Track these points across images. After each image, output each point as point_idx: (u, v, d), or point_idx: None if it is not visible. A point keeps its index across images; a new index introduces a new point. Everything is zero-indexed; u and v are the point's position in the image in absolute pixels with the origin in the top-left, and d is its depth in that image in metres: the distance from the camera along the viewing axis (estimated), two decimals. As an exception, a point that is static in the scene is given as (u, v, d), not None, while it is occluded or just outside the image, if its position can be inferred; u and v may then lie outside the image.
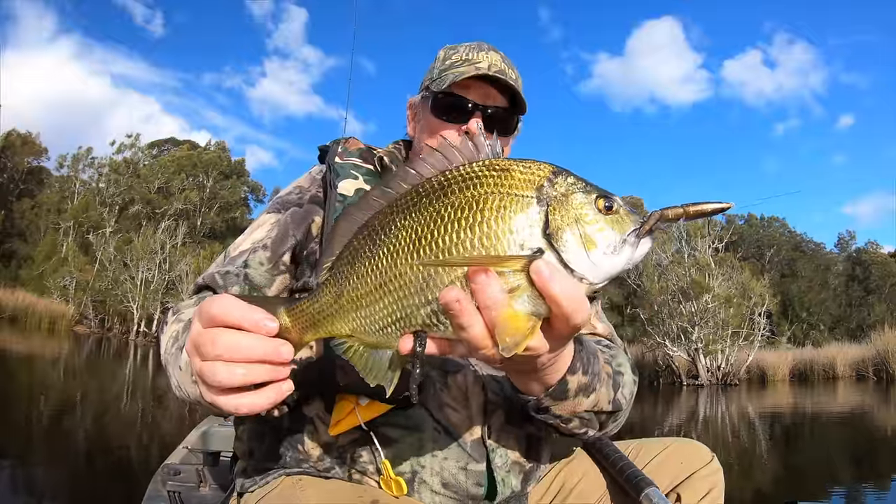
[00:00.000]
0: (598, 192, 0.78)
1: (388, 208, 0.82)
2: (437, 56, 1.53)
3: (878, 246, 44.71)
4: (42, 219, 40.69)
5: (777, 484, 6.20)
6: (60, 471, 5.04)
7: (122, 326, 35.37)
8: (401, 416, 1.21)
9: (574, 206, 0.76)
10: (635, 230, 0.77)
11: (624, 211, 0.78)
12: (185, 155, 47.02)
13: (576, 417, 1.15)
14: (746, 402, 15.97)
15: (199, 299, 1.33)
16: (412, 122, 1.58)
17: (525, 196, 0.76)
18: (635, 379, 1.29)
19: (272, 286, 1.34)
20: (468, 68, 1.41)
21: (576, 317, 0.77)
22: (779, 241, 44.61)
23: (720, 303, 21.66)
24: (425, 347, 0.80)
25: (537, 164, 0.79)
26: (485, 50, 1.47)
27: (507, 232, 0.75)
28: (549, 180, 0.77)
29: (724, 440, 8.74)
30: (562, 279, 0.74)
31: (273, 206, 1.46)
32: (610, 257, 0.76)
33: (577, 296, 0.76)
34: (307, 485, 1.22)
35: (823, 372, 23.95)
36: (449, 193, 0.77)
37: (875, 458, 8.10)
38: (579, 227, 0.76)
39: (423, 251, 0.76)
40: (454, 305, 0.73)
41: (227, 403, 0.81)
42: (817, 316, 38.61)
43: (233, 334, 0.80)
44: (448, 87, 1.40)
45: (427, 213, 0.77)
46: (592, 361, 1.11)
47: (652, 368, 22.27)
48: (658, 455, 1.36)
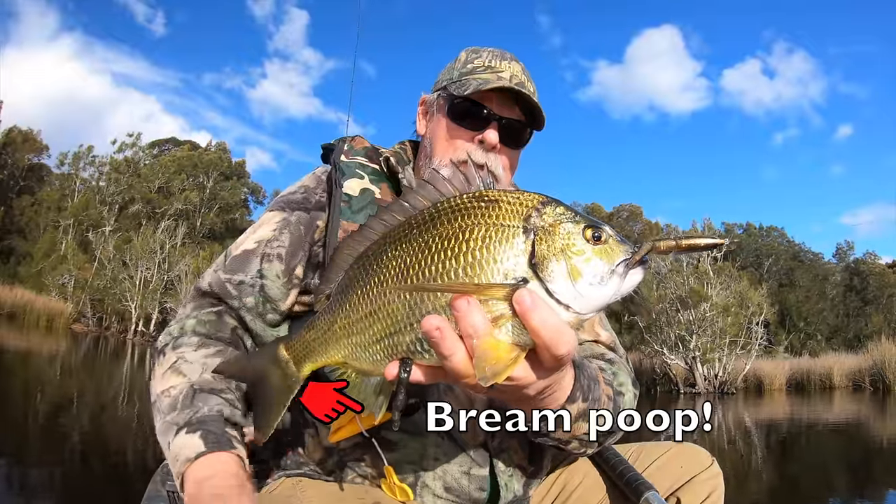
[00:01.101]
0: (586, 223, 0.77)
1: (381, 239, 0.84)
2: (457, 57, 1.51)
3: (876, 256, 44.81)
4: (42, 216, 40.54)
5: (772, 493, 6.19)
6: (58, 470, 5.01)
7: (119, 325, 35.18)
8: (404, 421, 1.19)
9: (561, 236, 0.76)
10: (625, 261, 0.77)
11: (613, 241, 0.78)
12: (186, 155, 46.96)
13: (575, 440, 1.15)
14: (743, 410, 15.95)
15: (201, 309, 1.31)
16: (423, 119, 1.55)
17: (511, 226, 0.76)
18: (636, 392, 1.28)
19: (286, 299, 1.34)
20: (491, 76, 1.40)
21: (558, 348, 0.76)
22: (777, 251, 44.61)
23: (718, 311, 21.64)
24: (410, 374, 0.80)
25: (527, 195, 0.80)
26: (507, 59, 1.46)
27: (491, 261, 0.75)
28: (536, 210, 0.77)
29: (721, 448, 8.73)
30: (543, 310, 0.74)
31: (277, 205, 1.43)
32: (597, 287, 0.76)
33: (558, 327, 0.75)
34: (307, 486, 1.21)
35: (820, 381, 23.88)
36: (437, 224, 0.79)
37: (871, 468, 8.09)
38: (566, 257, 0.75)
39: (410, 280, 0.78)
40: (434, 333, 0.74)
41: None
42: (815, 326, 38.57)
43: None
44: (468, 92, 1.39)
45: (416, 243, 0.79)
46: (593, 388, 1.09)
47: (649, 376, 22.23)
48: (658, 459, 1.36)
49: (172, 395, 1.16)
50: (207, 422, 1.11)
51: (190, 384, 1.16)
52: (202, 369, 1.20)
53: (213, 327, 1.28)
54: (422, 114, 1.56)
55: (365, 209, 1.35)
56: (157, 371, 1.22)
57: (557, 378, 0.92)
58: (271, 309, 1.33)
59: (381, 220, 0.86)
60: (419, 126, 1.56)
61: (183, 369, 1.20)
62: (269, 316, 1.33)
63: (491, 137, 1.39)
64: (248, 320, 1.32)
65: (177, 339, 1.25)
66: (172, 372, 1.20)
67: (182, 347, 1.23)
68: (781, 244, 46.03)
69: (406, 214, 0.84)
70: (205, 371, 1.19)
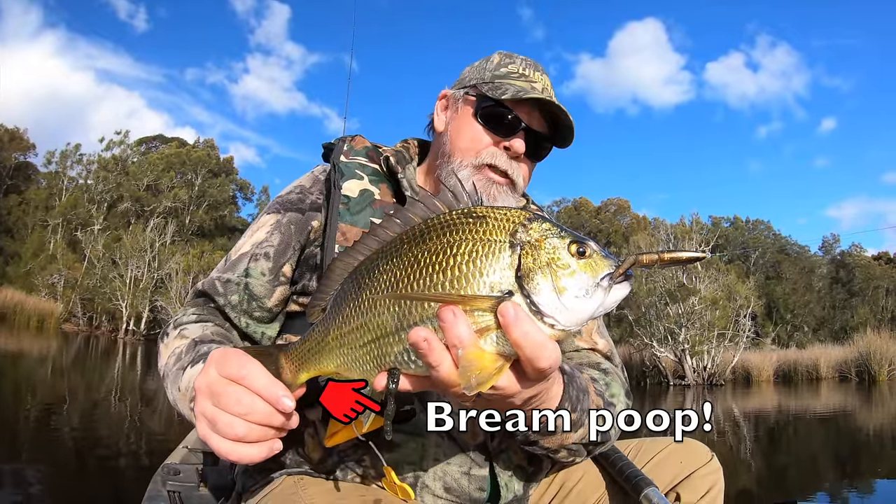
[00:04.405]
0: (572, 238, 0.79)
1: (374, 254, 0.87)
2: (490, 58, 1.47)
3: (861, 249, 45.21)
4: (30, 215, 40.13)
5: (761, 483, 6.24)
6: (50, 470, 4.98)
7: (110, 325, 34.97)
8: (405, 423, 1.19)
9: (547, 251, 0.77)
10: (609, 274, 0.78)
11: (598, 256, 0.79)
12: (174, 152, 46.59)
13: (563, 449, 1.16)
14: (732, 401, 16.06)
15: (197, 306, 1.35)
16: (443, 113, 1.49)
17: (498, 241, 0.78)
18: (629, 403, 1.28)
19: (272, 297, 1.35)
20: (525, 85, 1.38)
21: (539, 361, 0.77)
22: (764, 244, 44.88)
23: (706, 305, 21.81)
24: (398, 384, 0.82)
25: (514, 212, 0.81)
26: (540, 71, 1.44)
27: (477, 274, 0.77)
28: (523, 226, 0.79)
29: (710, 439, 8.81)
30: (526, 323, 0.74)
31: (273, 207, 1.43)
32: (581, 300, 0.77)
33: (540, 341, 0.75)
34: (308, 484, 1.21)
35: (807, 373, 24.10)
36: (427, 240, 0.81)
37: (858, 458, 8.18)
38: (551, 271, 0.77)
39: (399, 293, 0.81)
40: (422, 344, 0.75)
41: (219, 445, 0.88)
42: (801, 318, 38.93)
43: (250, 396, 0.87)
44: (506, 98, 1.36)
45: (406, 258, 0.81)
46: (582, 399, 1.08)
47: (639, 369, 22.37)
48: (657, 454, 1.36)
49: (176, 353, 1.20)
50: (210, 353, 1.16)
51: (192, 339, 1.21)
52: (203, 329, 1.26)
53: (209, 313, 1.34)
54: (442, 108, 1.50)
55: (364, 211, 1.34)
56: (161, 350, 1.26)
57: (544, 388, 0.93)
58: (257, 306, 1.34)
59: (374, 236, 0.89)
60: (437, 121, 1.50)
61: (185, 333, 1.25)
62: (256, 313, 1.35)
63: (518, 146, 1.37)
64: (233, 317, 1.34)
65: (177, 321, 1.31)
66: (176, 338, 1.24)
67: (182, 325, 1.28)
68: (768, 237, 46.33)
69: (399, 230, 0.87)
70: (205, 331, 1.25)
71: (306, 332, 0.94)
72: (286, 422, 0.90)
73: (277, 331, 1.39)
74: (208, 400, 0.89)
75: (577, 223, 45.94)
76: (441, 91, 1.52)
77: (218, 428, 0.88)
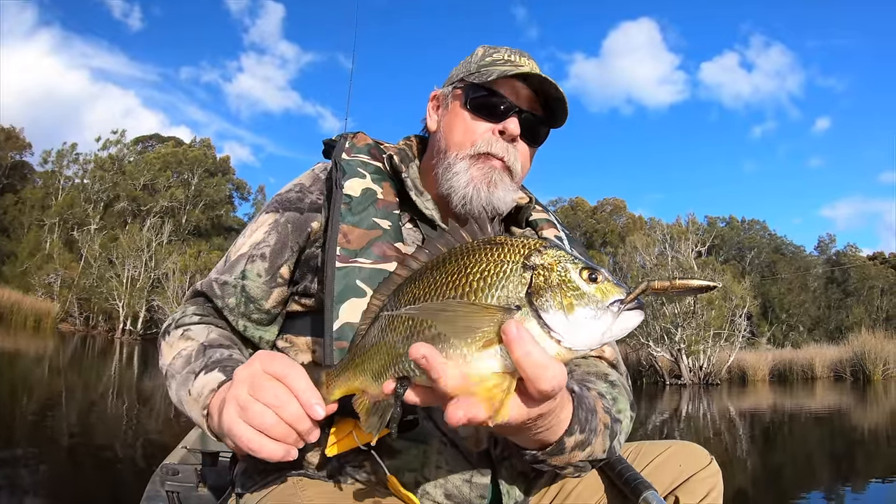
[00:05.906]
0: (584, 264, 0.81)
1: (403, 281, 0.93)
2: (474, 52, 1.45)
3: (857, 249, 45.36)
4: (26, 215, 40.05)
5: (756, 482, 6.25)
6: (47, 469, 4.97)
7: (107, 324, 34.88)
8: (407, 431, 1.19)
9: (559, 272, 0.79)
10: (619, 300, 0.79)
11: (610, 283, 0.80)
12: (171, 152, 46.50)
13: (570, 466, 1.14)
14: (727, 401, 16.10)
15: (198, 305, 1.35)
16: (434, 114, 1.48)
17: (512, 262, 0.81)
18: (632, 416, 1.26)
19: (269, 298, 1.34)
20: (512, 68, 1.34)
21: (539, 383, 0.77)
22: (759, 244, 44.98)
23: (702, 304, 21.84)
24: (406, 390, 0.85)
25: (531, 240, 0.85)
26: (525, 56, 1.42)
27: (487, 289, 0.80)
28: (538, 251, 0.82)
29: (706, 438, 8.82)
30: (528, 343, 0.75)
31: (272, 206, 1.41)
32: (590, 321, 0.78)
33: (542, 361, 0.75)
34: (307, 485, 1.21)
35: (802, 372, 24.12)
36: (447, 264, 0.85)
37: (853, 457, 8.18)
38: (561, 291, 0.78)
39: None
40: (421, 362, 0.78)
41: (243, 433, 0.92)
42: (797, 317, 39.02)
43: (287, 394, 0.94)
44: (491, 80, 1.34)
45: (426, 281, 0.86)
46: (591, 419, 1.08)
47: (636, 368, 22.38)
48: (656, 458, 1.35)
49: (184, 355, 1.20)
50: (223, 361, 1.15)
51: (200, 343, 1.22)
52: (208, 332, 1.26)
53: (210, 314, 1.35)
54: (433, 109, 1.48)
55: (366, 210, 1.31)
56: (164, 349, 1.26)
57: (551, 408, 0.91)
58: (255, 308, 1.33)
59: (404, 266, 0.93)
60: (430, 122, 1.48)
61: (190, 335, 1.25)
62: (254, 315, 1.34)
63: (512, 127, 1.34)
64: (231, 320, 1.34)
65: (178, 320, 1.31)
66: (181, 339, 1.24)
67: (185, 325, 1.29)
68: (763, 237, 46.44)
69: (424, 259, 0.91)
70: (211, 334, 1.25)
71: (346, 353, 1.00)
72: (310, 430, 0.94)
73: (276, 334, 1.38)
74: (246, 387, 0.95)
75: (573, 223, 45.95)
76: (431, 92, 1.51)
77: (248, 415, 0.93)
